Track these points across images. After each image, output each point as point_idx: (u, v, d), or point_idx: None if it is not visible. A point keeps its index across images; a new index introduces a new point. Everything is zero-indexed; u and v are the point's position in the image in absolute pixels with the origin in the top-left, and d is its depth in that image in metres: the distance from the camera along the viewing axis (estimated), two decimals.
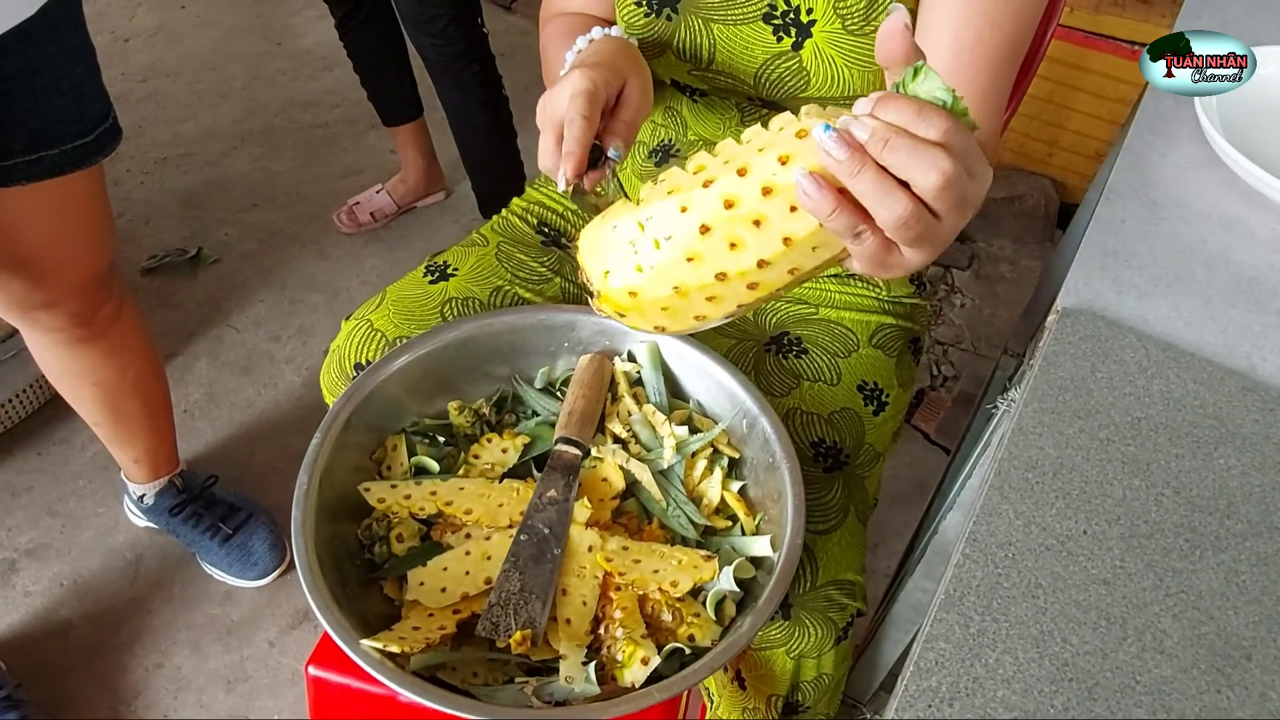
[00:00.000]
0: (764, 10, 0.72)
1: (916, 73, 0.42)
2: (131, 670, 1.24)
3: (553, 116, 0.59)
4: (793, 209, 0.44)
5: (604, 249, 0.51)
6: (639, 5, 0.75)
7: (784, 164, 0.44)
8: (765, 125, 0.46)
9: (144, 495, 1.30)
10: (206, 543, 1.30)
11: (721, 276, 0.46)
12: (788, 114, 0.46)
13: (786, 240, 0.44)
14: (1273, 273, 0.62)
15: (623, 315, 0.52)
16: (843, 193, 0.42)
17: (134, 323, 1.12)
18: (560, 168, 0.57)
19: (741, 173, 0.45)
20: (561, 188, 0.57)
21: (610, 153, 0.61)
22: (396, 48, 1.71)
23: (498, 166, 1.72)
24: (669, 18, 0.75)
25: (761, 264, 0.45)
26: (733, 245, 0.45)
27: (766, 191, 0.44)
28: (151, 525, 1.35)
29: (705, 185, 0.46)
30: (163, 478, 1.29)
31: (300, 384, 1.60)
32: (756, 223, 0.44)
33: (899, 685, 0.40)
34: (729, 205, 0.45)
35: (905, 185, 0.41)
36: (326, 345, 0.83)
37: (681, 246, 0.47)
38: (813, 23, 0.71)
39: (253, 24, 2.55)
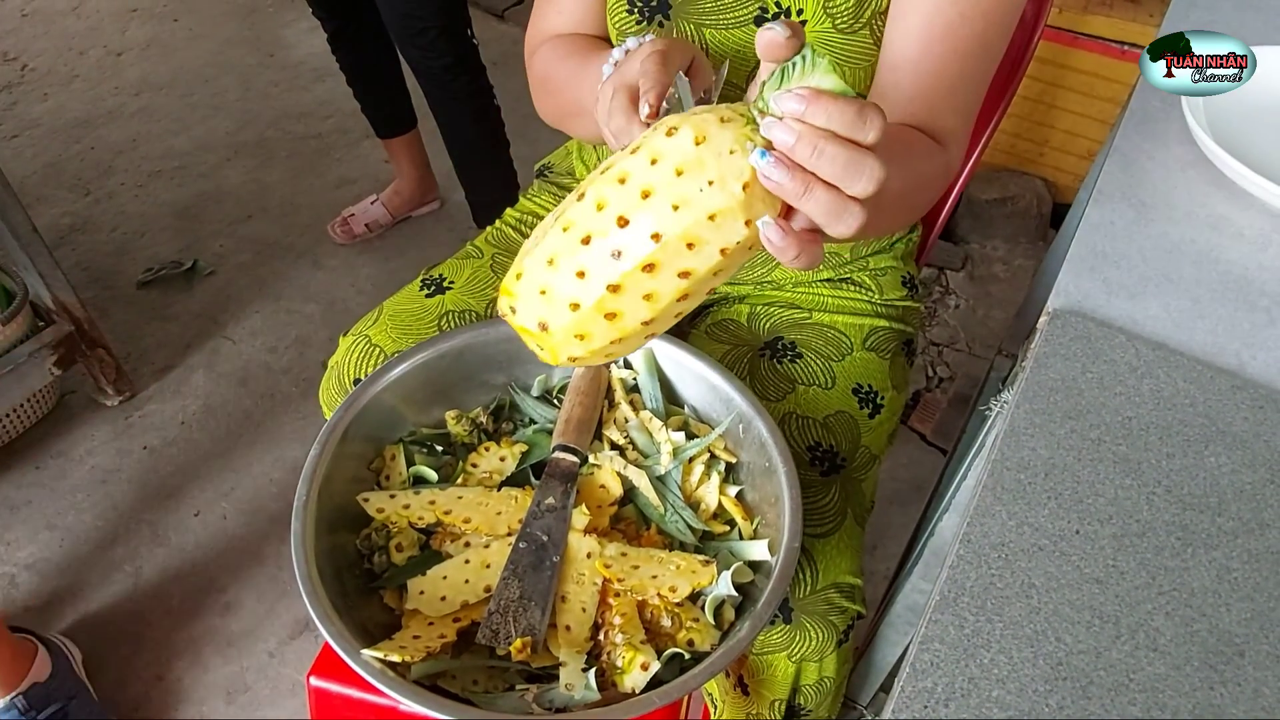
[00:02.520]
0: (755, 13, 0.73)
1: (807, 62, 0.41)
2: (131, 683, 1.24)
3: (624, 82, 0.53)
4: (674, 206, 0.42)
5: (512, 280, 0.48)
6: (631, 12, 0.76)
7: (654, 164, 0.42)
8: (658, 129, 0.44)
9: None
10: None
11: (614, 289, 0.44)
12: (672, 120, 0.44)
13: (655, 236, 0.42)
14: (1261, 271, 0.62)
15: (541, 349, 0.49)
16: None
17: None
18: (643, 99, 0.51)
19: (621, 180, 0.43)
20: (645, 115, 0.51)
21: (700, 95, 0.56)
22: (388, 60, 1.72)
23: (491, 176, 1.73)
24: (660, 24, 0.76)
25: (648, 268, 0.43)
26: (616, 254, 0.44)
27: (645, 195, 0.42)
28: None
29: (579, 198, 0.45)
30: (3, 696, 1.10)
31: (297, 394, 1.61)
32: (624, 222, 0.43)
33: (895, 687, 0.41)
34: (600, 208, 0.43)
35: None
36: (323, 355, 0.83)
37: (572, 264, 0.44)
38: (803, 23, 0.71)
39: (245, 36, 2.55)
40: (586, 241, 0.44)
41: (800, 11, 0.71)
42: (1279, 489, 0.49)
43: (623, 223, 0.43)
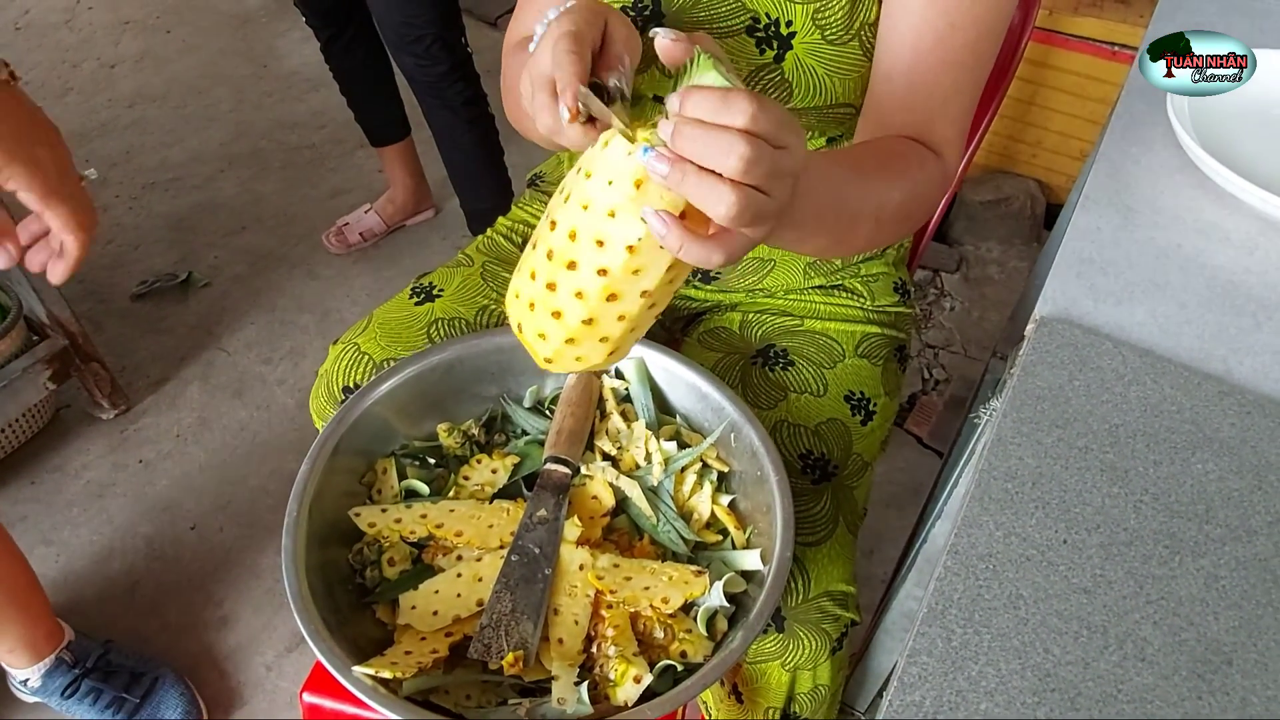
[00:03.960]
0: (748, 22, 0.73)
1: (693, 63, 0.44)
2: None
3: (541, 72, 0.52)
4: (584, 205, 0.47)
5: (510, 300, 0.56)
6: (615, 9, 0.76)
7: (610, 185, 0.46)
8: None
9: (28, 679, 1.13)
10: None
11: (580, 294, 0.49)
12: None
13: (571, 235, 0.48)
14: (1247, 276, 0.62)
15: (549, 363, 0.55)
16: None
17: None
18: (561, 102, 0.50)
19: (585, 207, 0.47)
20: (566, 119, 0.50)
21: (611, 83, 0.54)
22: (382, 69, 1.72)
23: (485, 183, 1.73)
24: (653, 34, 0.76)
25: (601, 272, 0.48)
26: (570, 265, 0.49)
27: (584, 206, 0.47)
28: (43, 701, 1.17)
29: (551, 226, 0.50)
30: (48, 657, 1.13)
31: (293, 405, 1.60)
32: (600, 244, 0.47)
33: (883, 700, 0.41)
34: (572, 237, 0.48)
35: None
36: (318, 366, 0.83)
37: (544, 278, 0.50)
38: (793, 34, 0.72)
39: (238, 47, 2.56)
40: (550, 256, 0.49)
41: (790, 23, 0.71)
42: (1266, 495, 0.49)
43: (572, 237, 0.48)
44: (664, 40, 0.45)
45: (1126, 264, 0.63)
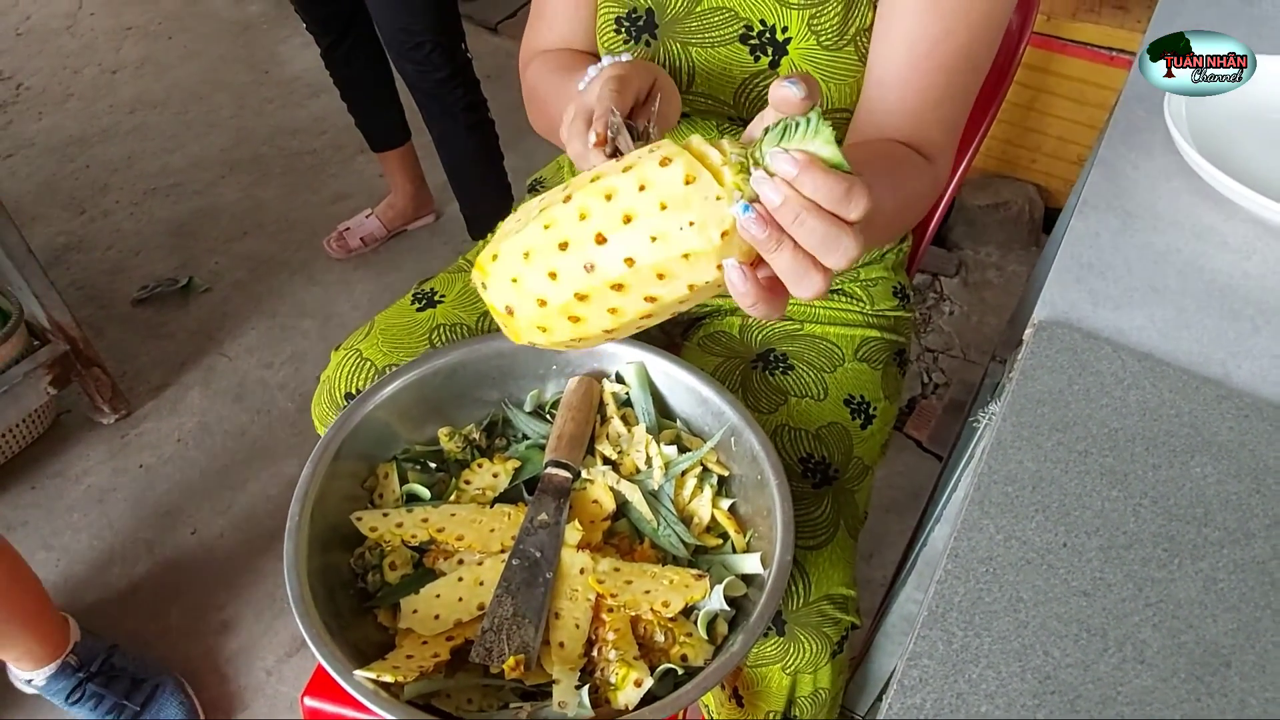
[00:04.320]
0: (740, 31, 0.73)
1: (809, 124, 0.42)
2: None
3: (583, 107, 0.56)
4: (653, 238, 0.44)
5: (487, 259, 0.51)
6: (619, 32, 0.77)
7: (642, 190, 0.44)
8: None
9: (32, 679, 1.15)
10: None
11: (581, 297, 0.46)
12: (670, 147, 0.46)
13: (628, 261, 0.44)
14: (1245, 280, 0.63)
15: (505, 328, 0.52)
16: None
17: None
18: (592, 128, 0.54)
19: (608, 196, 0.45)
20: (593, 142, 0.53)
21: (642, 124, 0.57)
22: (382, 75, 1.73)
23: (486, 188, 1.74)
24: (648, 43, 0.76)
25: (616, 287, 0.45)
26: (588, 267, 0.46)
27: (627, 219, 0.44)
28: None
29: (565, 199, 0.46)
30: (54, 661, 1.14)
31: (294, 410, 1.61)
32: (602, 240, 0.45)
33: (883, 704, 0.41)
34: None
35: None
36: (319, 371, 0.84)
37: (545, 264, 0.47)
38: (788, 40, 0.72)
39: (239, 53, 2.56)
40: (564, 247, 0.46)
41: (785, 29, 0.72)
42: (1264, 499, 0.49)
43: (600, 240, 0.45)
44: (795, 93, 0.41)
45: (1125, 268, 0.63)
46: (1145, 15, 1.65)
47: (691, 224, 0.43)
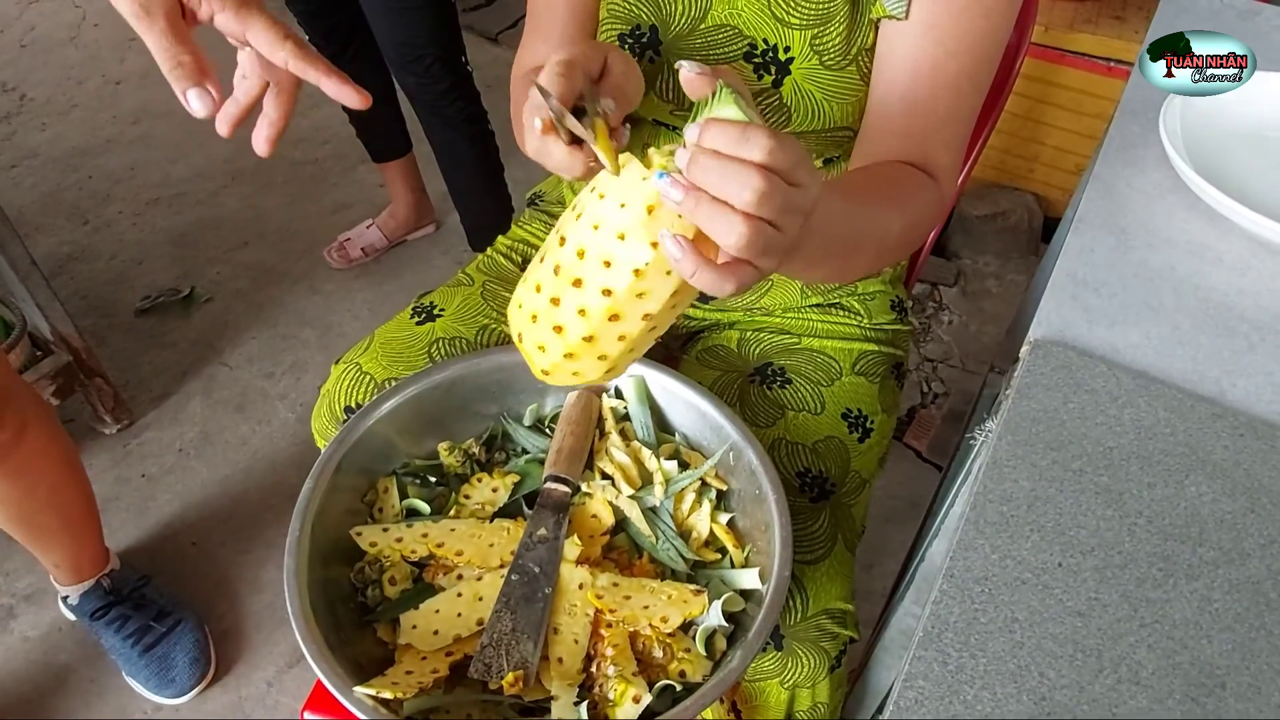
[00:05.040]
0: (744, 50, 0.74)
1: (715, 96, 0.45)
2: (130, 712, 1.24)
3: (534, 99, 0.54)
4: (595, 226, 0.48)
5: (514, 309, 0.57)
6: (621, 48, 0.77)
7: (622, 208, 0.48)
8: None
9: (68, 596, 1.25)
10: (127, 651, 1.23)
11: (582, 312, 0.50)
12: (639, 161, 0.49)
13: (579, 252, 0.49)
14: (1240, 297, 0.63)
15: (546, 375, 0.57)
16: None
17: (40, 444, 1.06)
18: (535, 115, 0.53)
19: (595, 227, 0.48)
20: (539, 128, 0.53)
21: (595, 106, 0.55)
22: (384, 86, 1.73)
23: (486, 199, 1.74)
24: (651, 60, 0.77)
25: (607, 292, 0.49)
26: (576, 283, 0.50)
27: (596, 228, 0.49)
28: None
29: (560, 242, 0.51)
30: (88, 580, 1.24)
31: (294, 420, 1.61)
32: (607, 264, 0.48)
33: None
34: (580, 255, 0.49)
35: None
36: (319, 381, 0.84)
37: (549, 292, 0.51)
38: (790, 60, 0.72)
39: None
40: (557, 271, 0.51)
41: (788, 49, 0.72)
42: (1259, 518, 0.49)
43: (580, 255, 0.49)
44: (689, 73, 0.46)
45: (1120, 286, 0.63)
46: (1143, 25, 1.66)
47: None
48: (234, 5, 0.57)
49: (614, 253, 0.47)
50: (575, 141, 0.53)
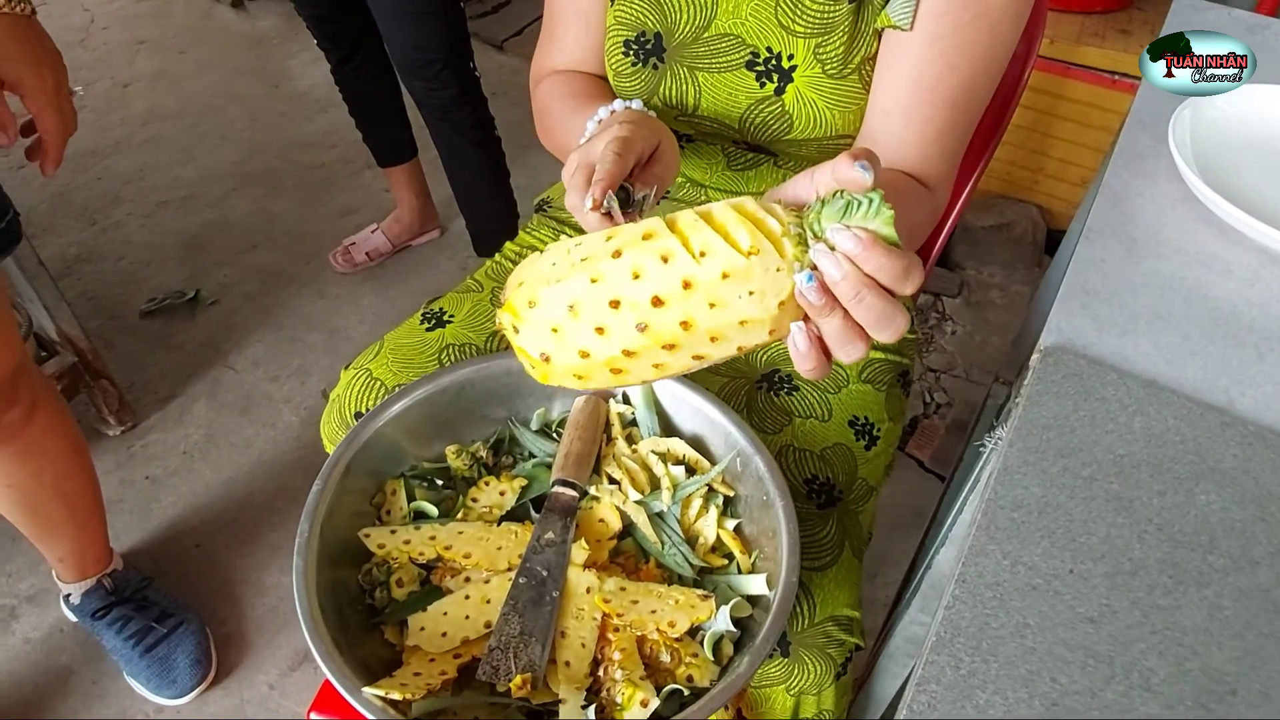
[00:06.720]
0: (747, 58, 0.74)
1: (870, 204, 0.43)
2: (132, 715, 1.24)
3: (586, 160, 0.58)
4: (711, 304, 0.44)
5: (522, 303, 0.50)
6: (626, 56, 0.78)
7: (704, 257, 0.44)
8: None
9: (70, 595, 1.25)
10: (128, 652, 1.23)
11: (629, 353, 0.46)
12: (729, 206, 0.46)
13: (684, 324, 0.45)
14: (1249, 308, 0.63)
15: (533, 369, 0.51)
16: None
17: (50, 425, 1.05)
18: (589, 192, 0.55)
19: (665, 259, 0.44)
20: (588, 206, 0.55)
21: (640, 195, 0.59)
22: (390, 91, 1.75)
23: (492, 205, 1.75)
24: (655, 67, 0.77)
25: (668, 346, 0.46)
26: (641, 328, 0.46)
27: (686, 285, 0.44)
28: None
29: (615, 255, 0.46)
30: (90, 578, 1.24)
31: (299, 423, 1.61)
32: (658, 303, 0.45)
33: None
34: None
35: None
36: (324, 384, 0.84)
37: (593, 319, 0.46)
38: (794, 68, 0.73)
39: (251, 67, 2.59)
40: (615, 305, 0.45)
41: (791, 57, 0.73)
42: (1268, 526, 0.49)
43: (656, 303, 0.45)
44: (860, 175, 0.42)
45: (1130, 295, 0.63)
46: (1149, 39, 1.66)
47: (752, 293, 0.44)
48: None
49: (730, 335, 0.45)
50: (608, 215, 0.56)
